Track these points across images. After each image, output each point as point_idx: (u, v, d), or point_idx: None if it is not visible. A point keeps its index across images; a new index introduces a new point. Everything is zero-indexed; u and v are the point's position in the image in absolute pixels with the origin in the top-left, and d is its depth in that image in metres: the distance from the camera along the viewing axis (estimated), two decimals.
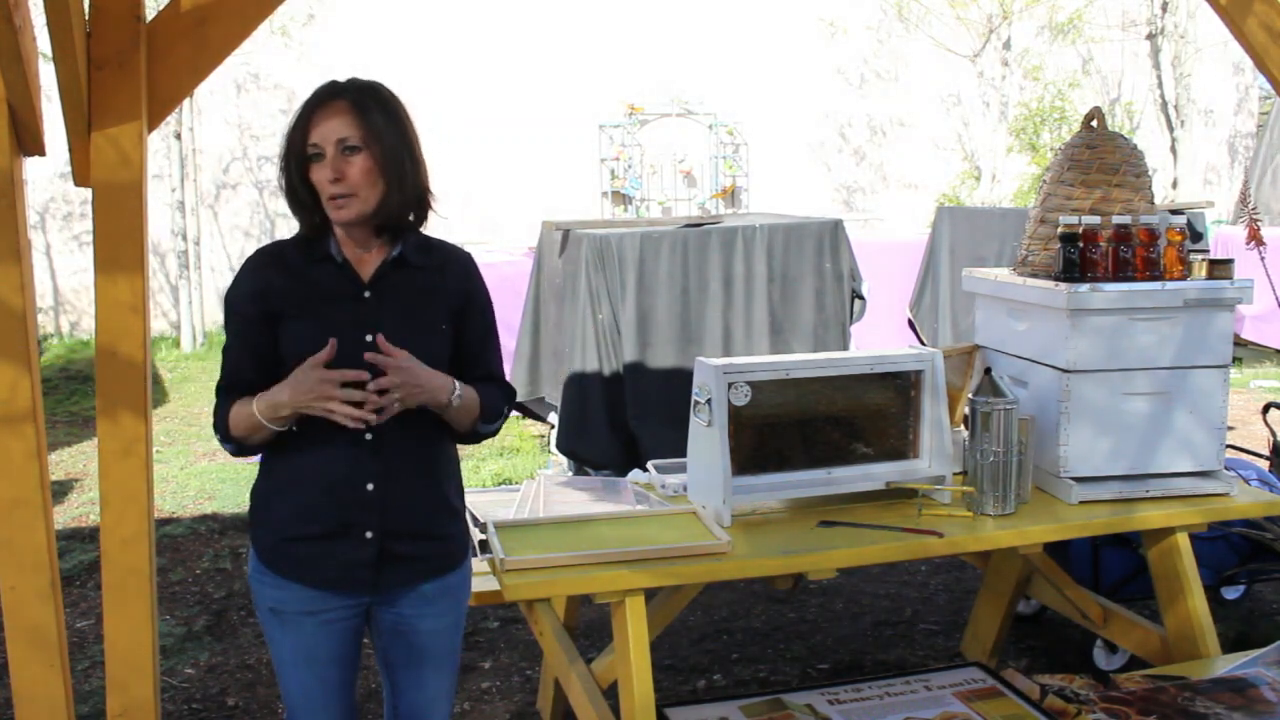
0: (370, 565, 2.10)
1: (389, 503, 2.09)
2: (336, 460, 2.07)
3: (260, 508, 2.18)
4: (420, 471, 2.14)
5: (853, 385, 2.80)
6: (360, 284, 2.10)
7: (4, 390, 2.10)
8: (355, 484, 2.07)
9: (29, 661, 2.18)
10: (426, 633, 2.21)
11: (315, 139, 2.02)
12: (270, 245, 2.18)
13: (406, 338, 2.05)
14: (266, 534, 2.15)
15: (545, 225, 5.69)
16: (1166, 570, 2.98)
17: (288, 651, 2.18)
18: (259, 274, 2.11)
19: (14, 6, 1.85)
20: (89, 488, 6.13)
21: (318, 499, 2.08)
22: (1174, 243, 2.91)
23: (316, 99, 2.05)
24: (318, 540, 2.09)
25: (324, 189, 2.03)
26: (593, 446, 5.10)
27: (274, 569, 2.13)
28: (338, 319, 2.06)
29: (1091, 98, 13.59)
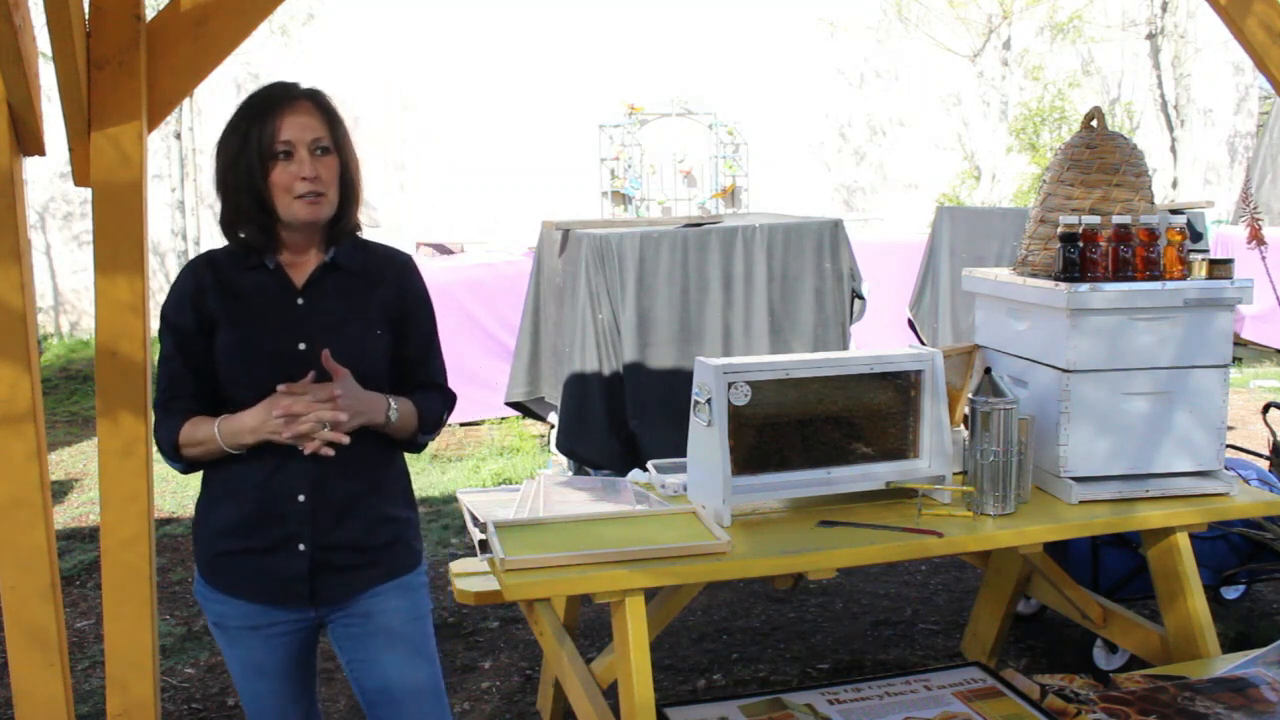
0: (304, 578, 2.07)
1: (321, 514, 2.06)
2: (269, 471, 2.04)
3: (200, 522, 2.16)
4: (356, 481, 2.09)
5: (853, 385, 2.80)
6: (293, 290, 2.08)
7: (4, 390, 2.10)
8: (287, 495, 2.04)
9: (29, 661, 2.18)
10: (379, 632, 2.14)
11: (287, 136, 2.00)
12: (201, 256, 2.16)
13: (340, 346, 2.03)
14: (204, 547, 2.14)
15: (545, 225, 5.69)
16: (1166, 570, 2.98)
17: (236, 664, 2.18)
18: (192, 284, 2.08)
19: (14, 6, 1.85)
20: (89, 488, 6.13)
21: (250, 511, 2.06)
22: (1174, 242, 2.90)
23: (278, 98, 2.02)
24: (252, 554, 2.07)
25: (293, 187, 2.00)
26: (593, 446, 5.10)
27: (212, 583, 2.12)
28: (270, 327, 2.05)
29: (1091, 98, 13.59)
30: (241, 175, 2.01)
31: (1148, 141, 13.25)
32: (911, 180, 13.71)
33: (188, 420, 2.05)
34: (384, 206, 12.20)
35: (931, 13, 13.05)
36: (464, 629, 4.15)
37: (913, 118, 13.72)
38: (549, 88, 12.17)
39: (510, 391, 5.82)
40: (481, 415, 7.38)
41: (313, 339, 2.04)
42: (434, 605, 4.37)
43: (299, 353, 2.04)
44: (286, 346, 2.04)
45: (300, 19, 11.09)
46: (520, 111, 12.21)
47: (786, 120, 12.99)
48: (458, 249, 10.34)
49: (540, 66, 12.11)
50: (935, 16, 13.06)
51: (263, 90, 2.05)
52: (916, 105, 13.68)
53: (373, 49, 11.35)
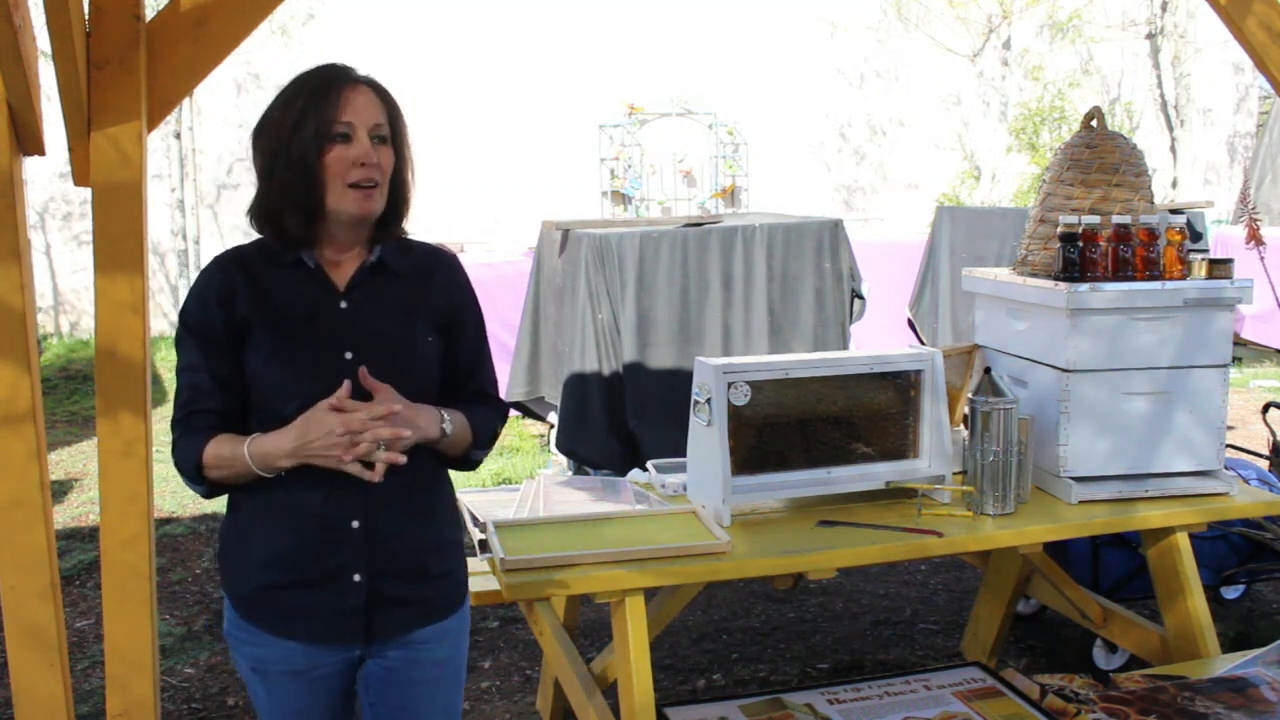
0: (359, 612, 1.88)
1: (378, 541, 1.87)
2: (319, 495, 1.83)
3: (233, 553, 1.94)
4: (411, 503, 1.90)
5: (852, 385, 2.80)
6: (335, 292, 1.88)
7: (4, 390, 2.10)
8: (339, 521, 1.85)
9: (29, 661, 2.17)
10: (421, 682, 1.98)
11: (348, 117, 1.80)
12: (229, 252, 1.92)
13: (390, 354, 1.86)
14: (242, 582, 1.92)
15: (545, 225, 5.69)
16: (1166, 570, 2.98)
17: (274, 711, 1.96)
18: (220, 283, 1.86)
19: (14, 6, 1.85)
20: (89, 488, 6.13)
21: (299, 540, 1.85)
22: (1174, 242, 2.90)
23: (340, 77, 1.82)
24: (302, 588, 1.86)
25: (347, 172, 1.80)
26: (592, 446, 5.10)
27: (253, 622, 1.90)
28: (311, 333, 1.85)
29: (1091, 97, 13.59)
30: (294, 154, 1.79)
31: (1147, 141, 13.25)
32: (911, 180, 13.71)
33: (212, 438, 1.83)
34: None
35: (931, 13, 13.05)
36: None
37: (913, 118, 13.72)
38: (549, 88, 12.17)
39: (510, 391, 5.82)
40: None
41: (360, 347, 1.85)
42: None
43: (345, 362, 1.83)
44: (331, 355, 1.83)
45: (300, 19, 11.10)
46: (520, 111, 12.21)
47: (786, 120, 12.99)
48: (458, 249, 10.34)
49: (540, 66, 12.11)
50: (935, 16, 13.05)
51: (321, 68, 1.85)
52: (916, 105, 13.68)
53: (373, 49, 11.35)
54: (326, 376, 1.79)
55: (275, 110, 1.84)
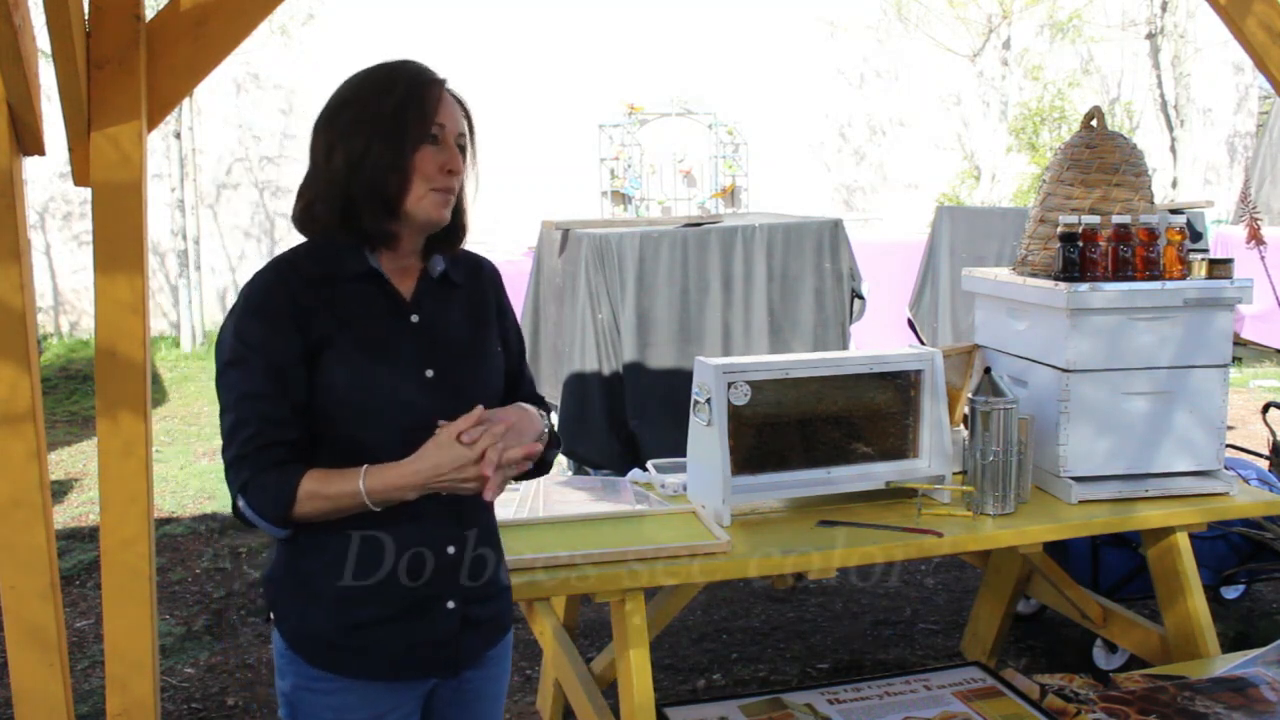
0: (453, 641, 1.77)
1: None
2: (407, 522, 1.69)
3: (299, 594, 1.74)
4: (480, 522, 1.82)
5: (852, 385, 2.80)
6: (404, 304, 1.73)
7: (4, 390, 2.10)
8: (435, 548, 1.73)
9: (29, 661, 2.18)
10: (486, 698, 1.90)
11: (442, 120, 1.69)
12: (280, 260, 1.72)
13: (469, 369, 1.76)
14: (318, 626, 1.72)
15: (545, 225, 5.69)
16: (1166, 570, 2.98)
17: None
18: (285, 295, 1.65)
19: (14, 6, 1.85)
20: (89, 488, 6.13)
21: (391, 571, 1.70)
22: (1174, 242, 2.91)
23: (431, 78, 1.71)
24: (392, 621, 1.72)
25: (434, 177, 1.68)
26: (593, 446, 5.10)
27: (334, 669, 1.72)
28: (389, 351, 1.69)
29: (1091, 97, 13.59)
30: (389, 149, 1.65)
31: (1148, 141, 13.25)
32: (911, 180, 13.71)
33: (305, 475, 1.63)
34: None
35: (931, 13, 13.05)
36: None
37: (913, 118, 13.72)
38: (549, 88, 12.17)
39: None
40: None
41: (439, 363, 1.72)
42: None
43: (427, 380, 1.70)
44: (412, 374, 1.69)
45: (300, 19, 11.09)
46: (520, 111, 12.21)
47: (786, 120, 12.99)
48: None
49: (540, 66, 12.11)
50: (935, 16, 13.06)
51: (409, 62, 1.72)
52: (916, 105, 13.68)
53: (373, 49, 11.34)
54: (415, 396, 1.69)
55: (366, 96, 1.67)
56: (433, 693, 1.84)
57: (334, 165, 1.67)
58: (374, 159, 1.65)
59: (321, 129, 1.70)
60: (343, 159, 1.66)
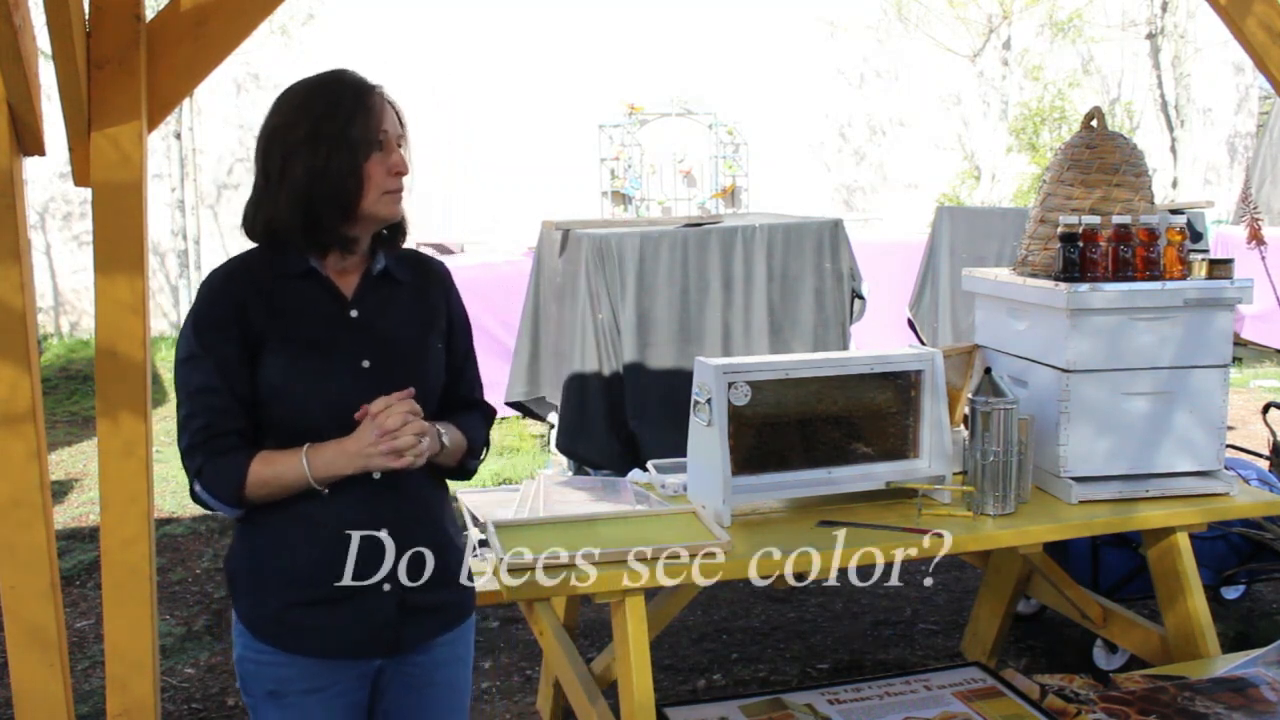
0: (391, 625, 1.87)
1: (404, 549, 1.86)
2: (344, 507, 1.82)
3: (250, 574, 1.88)
4: (429, 511, 1.93)
5: (853, 385, 2.80)
6: (344, 301, 1.86)
7: (4, 390, 2.10)
8: (368, 532, 1.84)
9: (29, 661, 2.18)
10: (438, 685, 1.98)
11: (385, 126, 1.82)
12: (233, 264, 1.86)
13: (405, 362, 1.88)
14: (263, 603, 1.86)
15: (545, 225, 5.69)
16: (1166, 570, 2.98)
17: None
18: (229, 297, 1.81)
19: (14, 6, 1.85)
20: (89, 488, 6.14)
21: (327, 554, 1.82)
22: (1174, 242, 2.91)
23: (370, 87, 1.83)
24: (332, 603, 1.83)
25: (385, 181, 1.81)
26: (593, 446, 5.10)
27: (277, 644, 1.85)
28: (327, 345, 1.83)
29: (1091, 98, 13.59)
30: (344, 161, 1.78)
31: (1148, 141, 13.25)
32: (911, 180, 13.71)
33: (253, 458, 1.78)
34: None
35: (931, 13, 13.05)
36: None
37: (913, 118, 13.72)
38: (549, 88, 12.17)
39: (510, 391, 5.82)
40: None
41: (377, 355, 1.85)
42: None
43: (364, 371, 1.83)
44: (350, 365, 1.83)
45: (300, 19, 11.09)
46: (520, 111, 12.21)
47: (786, 120, 12.99)
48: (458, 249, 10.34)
49: (540, 66, 12.11)
50: (935, 16, 13.06)
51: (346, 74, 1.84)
52: (916, 105, 13.68)
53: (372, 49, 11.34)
54: (348, 386, 1.81)
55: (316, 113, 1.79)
56: (380, 673, 1.93)
57: (293, 178, 1.79)
58: (333, 170, 1.77)
59: (274, 144, 1.82)
60: (303, 171, 1.78)
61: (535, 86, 12.18)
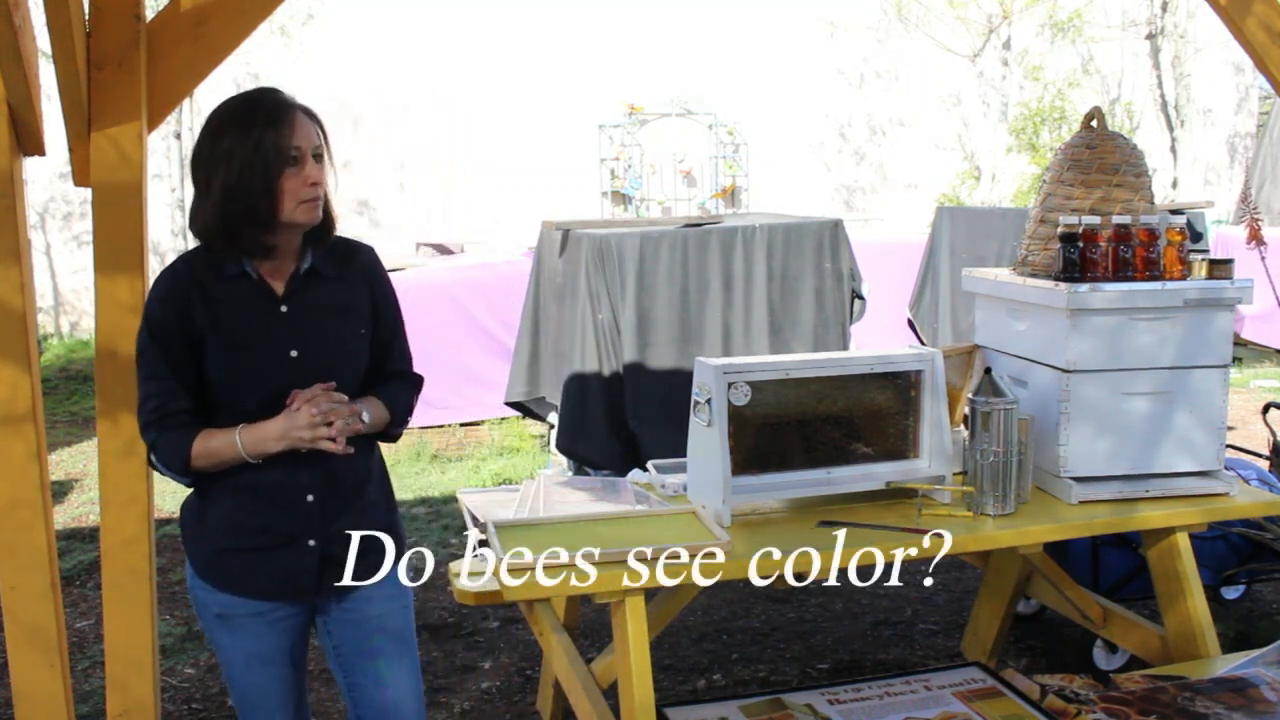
0: (312, 573, 2.13)
1: (328, 511, 2.12)
2: (278, 472, 2.07)
3: (193, 520, 2.16)
4: (353, 475, 2.17)
5: (853, 385, 2.80)
6: (275, 298, 2.09)
7: (4, 390, 2.10)
8: (296, 495, 2.09)
9: (29, 661, 2.18)
10: (376, 616, 2.22)
11: (298, 141, 2.01)
12: (178, 264, 2.10)
13: (330, 349, 2.11)
14: (202, 545, 2.14)
15: (545, 225, 5.69)
16: (1166, 570, 2.98)
17: (238, 654, 2.18)
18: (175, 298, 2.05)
19: (14, 6, 1.85)
20: (89, 488, 6.13)
21: (257, 511, 2.09)
22: (1174, 243, 2.90)
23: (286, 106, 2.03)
24: (259, 551, 2.10)
25: (300, 192, 2.01)
26: (593, 446, 5.10)
27: (211, 581, 2.13)
28: (259, 336, 2.06)
29: (1091, 98, 13.60)
30: (257, 178, 1.97)
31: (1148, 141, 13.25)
32: (911, 180, 13.71)
33: (197, 434, 2.03)
34: (384, 206, 12.19)
35: (931, 13, 13.05)
36: (464, 629, 4.15)
37: (913, 118, 13.72)
38: (549, 88, 12.17)
39: (510, 391, 5.82)
40: (481, 415, 7.38)
41: (302, 345, 2.08)
42: (434, 605, 4.37)
43: (291, 360, 2.07)
44: (279, 355, 2.07)
45: (300, 19, 11.09)
46: (520, 111, 12.21)
47: (786, 120, 12.99)
48: (458, 249, 10.34)
49: (540, 66, 12.11)
50: (935, 16, 13.06)
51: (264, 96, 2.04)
52: (916, 105, 13.69)
53: (373, 49, 11.34)
54: (277, 373, 2.05)
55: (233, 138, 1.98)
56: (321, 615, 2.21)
57: (213, 194, 1.99)
58: (245, 187, 1.97)
59: (199, 162, 2.02)
60: (220, 189, 1.98)
61: (535, 86, 12.17)
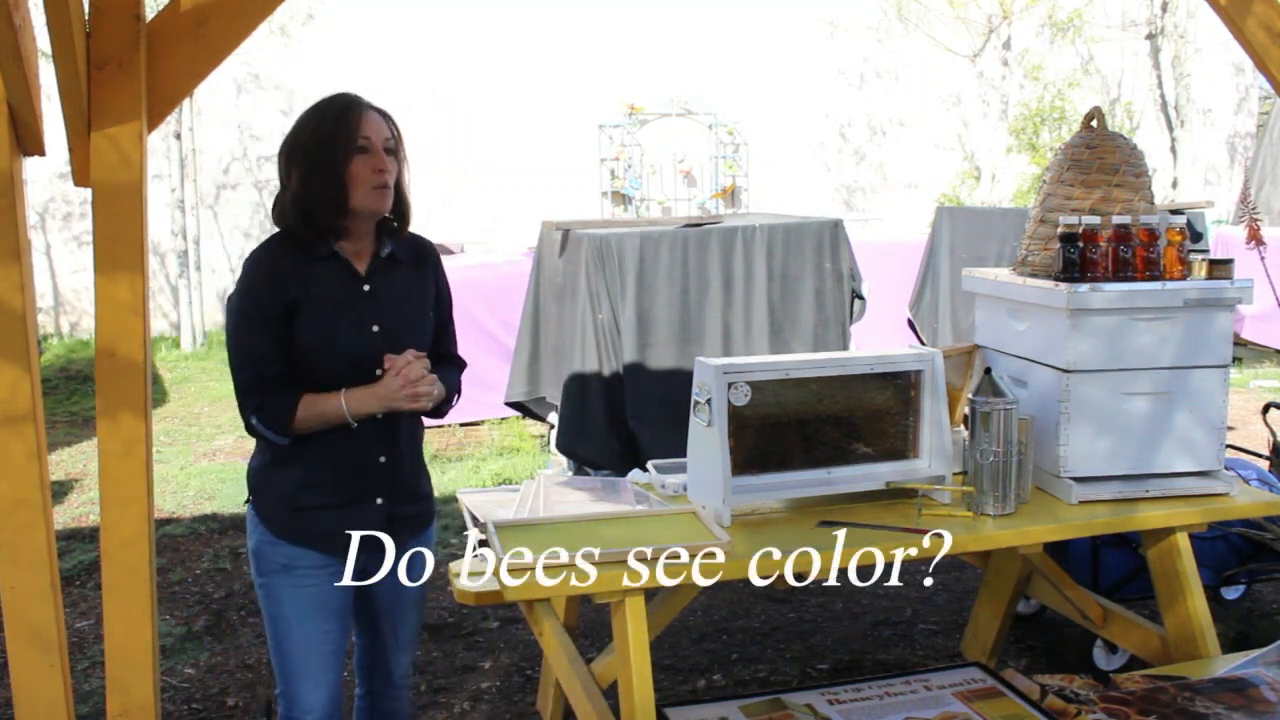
0: (380, 528, 2.36)
1: (394, 473, 2.37)
2: (352, 436, 2.29)
3: (268, 482, 2.35)
4: (413, 443, 2.45)
5: (853, 385, 2.80)
6: (359, 277, 2.31)
7: (4, 390, 2.10)
8: (369, 457, 2.33)
9: (29, 661, 2.18)
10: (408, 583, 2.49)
11: (367, 133, 2.22)
12: (268, 244, 2.30)
13: (407, 327, 2.34)
14: (276, 505, 2.33)
15: (545, 225, 5.69)
16: (1166, 570, 2.98)
17: (298, 605, 2.34)
18: (269, 270, 2.25)
19: (14, 6, 1.85)
20: (89, 488, 6.14)
21: (334, 472, 2.31)
22: (1174, 243, 2.90)
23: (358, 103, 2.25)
24: (333, 509, 2.31)
25: (368, 178, 2.22)
26: (593, 446, 5.10)
27: (289, 538, 2.32)
28: (345, 311, 2.28)
29: (1091, 98, 13.60)
30: (329, 164, 2.20)
31: (1148, 141, 13.25)
32: (911, 180, 13.71)
33: (300, 398, 2.23)
34: None
35: (931, 13, 13.05)
36: (464, 629, 4.15)
37: (913, 118, 13.72)
38: (549, 88, 12.17)
39: (510, 391, 5.82)
40: (481, 415, 7.38)
41: (384, 321, 2.31)
42: (434, 605, 4.37)
43: (374, 334, 2.29)
44: (363, 329, 2.28)
45: (300, 19, 11.09)
46: (520, 111, 12.21)
47: (786, 120, 12.99)
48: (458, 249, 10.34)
49: (540, 66, 12.11)
50: (935, 16, 13.06)
51: (337, 97, 2.27)
52: (916, 105, 13.69)
53: (372, 49, 11.34)
54: (362, 345, 2.28)
55: (309, 130, 2.23)
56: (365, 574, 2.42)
57: (292, 184, 2.25)
58: (320, 173, 2.21)
59: (282, 157, 2.29)
60: (298, 179, 2.24)
61: (535, 86, 12.17)
